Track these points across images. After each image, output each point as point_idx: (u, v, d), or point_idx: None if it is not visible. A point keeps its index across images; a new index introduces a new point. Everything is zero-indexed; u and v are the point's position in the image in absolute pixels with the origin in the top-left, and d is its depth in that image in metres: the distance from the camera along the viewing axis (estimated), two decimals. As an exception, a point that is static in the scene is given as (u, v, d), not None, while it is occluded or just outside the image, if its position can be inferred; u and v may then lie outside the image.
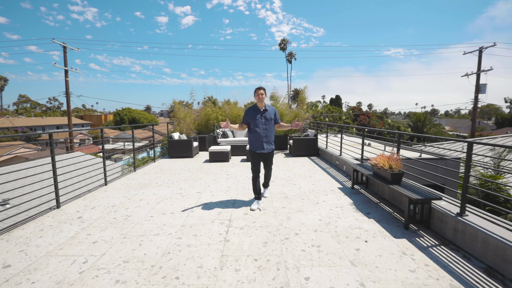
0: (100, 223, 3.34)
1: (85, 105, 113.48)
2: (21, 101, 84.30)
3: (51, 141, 3.79)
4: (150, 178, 5.62)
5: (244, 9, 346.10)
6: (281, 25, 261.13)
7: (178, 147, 8.19)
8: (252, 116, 3.80)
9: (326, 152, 7.48)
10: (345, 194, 4.33)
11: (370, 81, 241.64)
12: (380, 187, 4.15)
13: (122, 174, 5.95)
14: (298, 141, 8.10)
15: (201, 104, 11.62)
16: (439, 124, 35.97)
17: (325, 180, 5.27)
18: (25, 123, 43.31)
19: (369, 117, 39.89)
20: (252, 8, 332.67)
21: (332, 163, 6.85)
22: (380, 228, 3.05)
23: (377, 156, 3.82)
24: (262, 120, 3.78)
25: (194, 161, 7.56)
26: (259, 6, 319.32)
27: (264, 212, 3.63)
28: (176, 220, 3.39)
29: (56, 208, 3.90)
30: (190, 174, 6.00)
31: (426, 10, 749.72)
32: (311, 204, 3.91)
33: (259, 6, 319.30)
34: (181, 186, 5.00)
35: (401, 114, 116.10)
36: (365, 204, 3.87)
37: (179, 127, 9.72)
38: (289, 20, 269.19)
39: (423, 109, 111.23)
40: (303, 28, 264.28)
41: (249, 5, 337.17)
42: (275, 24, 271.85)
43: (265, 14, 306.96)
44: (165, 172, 6.24)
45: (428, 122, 31.93)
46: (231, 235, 2.95)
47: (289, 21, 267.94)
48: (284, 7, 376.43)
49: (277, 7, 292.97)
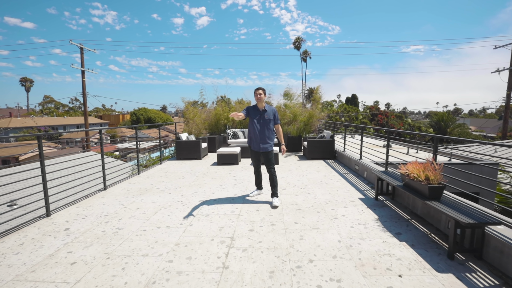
0: (87, 237, 2.96)
1: (104, 105, 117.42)
2: (45, 102, 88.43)
3: (39, 144, 3.47)
4: (152, 183, 5.25)
5: (258, 9, 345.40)
6: (296, 23, 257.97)
7: (185, 148, 7.82)
8: (252, 114, 3.98)
9: (344, 156, 6.83)
10: (367, 207, 3.73)
11: (386, 79, 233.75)
12: (411, 199, 3.51)
13: (124, 178, 5.63)
14: (313, 143, 7.50)
15: (215, 104, 11.22)
16: (464, 124, 33.88)
17: (343, 188, 4.66)
18: (47, 122, 45.13)
19: (387, 117, 38.27)
20: (266, 7, 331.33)
21: (351, 168, 6.21)
22: (416, 256, 2.45)
23: (409, 163, 3.20)
24: (260, 120, 3.92)
25: (201, 164, 7.15)
26: (273, 5, 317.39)
27: (273, 228, 3.11)
28: (171, 236, 2.95)
29: (46, 217, 3.58)
30: (195, 178, 5.57)
31: (444, 5, 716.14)
32: (328, 219, 3.34)
33: (274, 5, 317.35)
34: (183, 192, 4.58)
35: (420, 114, 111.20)
36: (393, 220, 3.26)
37: (187, 128, 9.37)
38: (304, 19, 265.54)
39: (445, 108, 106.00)
40: (318, 27, 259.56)
41: (263, 5, 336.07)
42: (289, 23, 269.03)
43: (279, 13, 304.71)
44: (169, 175, 5.86)
45: (452, 122, 30.10)
46: (232, 259, 2.46)
47: (304, 19, 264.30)
48: (299, 6, 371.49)
49: (291, 5, 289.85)
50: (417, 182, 2.91)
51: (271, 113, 3.94)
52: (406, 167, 3.17)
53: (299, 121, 9.50)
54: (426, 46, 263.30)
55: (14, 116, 50.77)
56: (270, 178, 4.00)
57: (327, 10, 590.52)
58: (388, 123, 36.25)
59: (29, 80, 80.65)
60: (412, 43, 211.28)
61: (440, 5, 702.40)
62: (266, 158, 3.96)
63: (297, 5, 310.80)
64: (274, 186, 4.00)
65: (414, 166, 3.07)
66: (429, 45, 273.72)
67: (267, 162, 3.97)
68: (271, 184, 4.01)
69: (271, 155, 3.99)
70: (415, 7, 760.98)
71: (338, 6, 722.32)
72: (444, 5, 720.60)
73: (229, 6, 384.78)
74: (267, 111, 3.93)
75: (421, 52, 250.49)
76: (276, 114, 4.01)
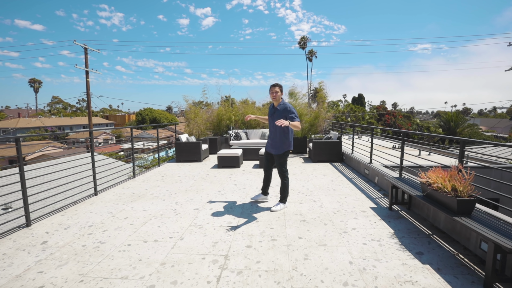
0: (64, 253, 2.63)
1: (111, 105, 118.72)
2: (54, 102, 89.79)
3: (17, 148, 3.16)
4: (147, 188, 4.92)
5: (263, 9, 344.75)
6: (301, 23, 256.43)
7: (185, 150, 7.50)
8: (268, 113, 3.80)
9: (352, 158, 6.40)
10: (381, 219, 3.32)
11: (391, 79, 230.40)
12: (431, 211, 3.09)
13: (119, 182, 5.32)
14: (318, 145, 7.08)
15: (219, 105, 10.87)
16: (474, 124, 32.93)
17: (352, 196, 4.25)
18: (54, 122, 45.61)
19: (395, 117, 37.48)
20: (271, 7, 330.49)
21: (360, 172, 5.78)
22: (445, 284, 2.04)
23: (431, 171, 2.78)
24: (271, 119, 3.68)
25: (201, 167, 6.81)
26: (278, 5, 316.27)
27: (274, 244, 2.73)
28: (158, 252, 2.60)
29: (25, 227, 3.27)
30: (193, 183, 5.23)
31: (448, 4, 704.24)
32: (337, 233, 2.95)
33: (279, 5, 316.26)
34: (178, 199, 4.24)
35: (428, 114, 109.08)
36: (411, 236, 2.85)
37: (188, 128, 9.05)
38: (309, 18, 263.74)
39: (454, 108, 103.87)
40: (324, 26, 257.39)
41: (268, 5, 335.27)
42: (294, 22, 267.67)
43: (284, 13, 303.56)
44: (166, 179, 5.53)
45: (462, 122, 29.24)
46: (224, 285, 2.09)
47: (309, 19, 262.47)
48: (304, 5, 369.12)
49: (296, 5, 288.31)
50: (442, 193, 2.50)
51: (281, 111, 3.49)
52: (428, 175, 2.75)
53: (304, 122, 9.09)
54: (432, 44, 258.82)
55: (22, 116, 51.53)
56: (281, 184, 3.74)
57: (333, 9, 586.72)
58: (395, 123, 35.46)
59: (38, 81, 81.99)
60: (419, 41, 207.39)
61: (444, 5, 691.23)
62: (277, 162, 3.67)
63: (302, 5, 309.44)
64: (283, 195, 3.74)
65: (437, 173, 2.65)
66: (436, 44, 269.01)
67: (277, 165, 3.69)
68: (280, 191, 3.77)
69: (283, 158, 3.63)
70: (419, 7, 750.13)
71: (343, 5, 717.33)
72: (448, 4, 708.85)
73: (234, 6, 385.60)
74: (278, 109, 3.55)
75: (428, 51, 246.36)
76: (288, 109, 3.46)
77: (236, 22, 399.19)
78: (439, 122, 31.54)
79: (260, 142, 8.52)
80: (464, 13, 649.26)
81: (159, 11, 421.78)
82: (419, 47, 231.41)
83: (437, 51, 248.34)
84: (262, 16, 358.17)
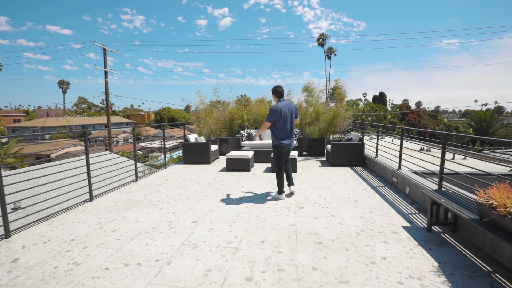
0: (30, 276, 2.22)
1: (132, 105, 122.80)
2: (80, 102, 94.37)
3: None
4: (146, 193, 4.52)
5: (280, 7, 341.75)
6: (319, 21, 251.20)
7: (194, 151, 7.08)
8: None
9: (376, 163, 5.65)
10: (418, 244, 2.63)
11: (412, 76, 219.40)
12: (489, 238, 2.37)
13: (119, 186, 4.97)
14: (338, 147, 6.38)
15: (232, 104, 10.40)
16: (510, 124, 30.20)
17: (379, 210, 3.57)
18: (79, 122, 47.62)
19: (419, 116, 35.35)
20: (288, 5, 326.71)
21: (386, 179, 5.03)
22: None
23: (492, 188, 2.08)
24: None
25: (209, 169, 6.35)
26: (296, 3, 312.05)
27: (280, 277, 2.16)
28: (136, 283, 2.11)
29: (4, 239, 2.93)
30: (197, 188, 4.76)
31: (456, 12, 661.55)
32: (363, 263, 2.32)
33: (296, 3, 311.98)
34: (176, 208, 3.77)
35: (455, 113, 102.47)
36: (464, 273, 2.16)
37: (198, 128, 8.65)
38: (327, 16, 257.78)
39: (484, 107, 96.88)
40: (343, 23, 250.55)
41: (285, 3, 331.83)
42: (312, 20, 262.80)
43: (302, 11, 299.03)
44: (169, 184, 5.11)
45: (496, 122, 26.87)
46: None
47: (327, 16, 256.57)
48: (322, 2, 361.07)
49: (314, 2, 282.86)
50: (514, 221, 1.80)
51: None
52: (489, 194, 2.05)
53: (321, 121, 8.38)
54: (460, 39, 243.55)
55: (51, 116, 54.37)
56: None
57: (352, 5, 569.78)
58: (420, 123, 33.39)
59: (66, 83, 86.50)
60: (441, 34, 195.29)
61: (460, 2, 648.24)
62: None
63: (320, 2, 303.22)
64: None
65: (504, 192, 1.95)
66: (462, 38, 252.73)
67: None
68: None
69: (274, 151, 4.13)
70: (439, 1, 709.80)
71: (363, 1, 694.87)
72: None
73: (251, 6, 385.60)
74: None
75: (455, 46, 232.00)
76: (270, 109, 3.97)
77: (254, 21, 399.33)
78: (469, 121, 29.27)
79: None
80: (486, 6, 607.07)
81: (178, 12, 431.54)
82: (445, 42, 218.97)
83: (465, 45, 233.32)
84: (280, 15, 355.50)
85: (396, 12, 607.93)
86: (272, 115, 3.85)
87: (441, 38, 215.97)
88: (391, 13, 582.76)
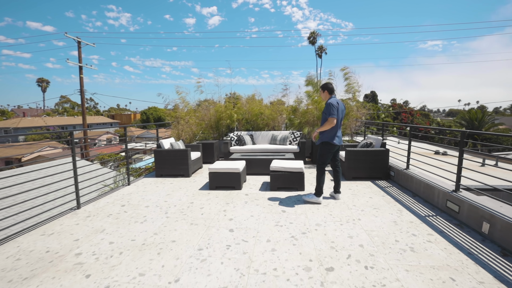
0: None
1: (119, 104, 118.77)
2: (62, 102, 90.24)
3: None
4: (81, 236, 2.89)
5: (269, 7, 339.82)
6: (308, 21, 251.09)
7: (168, 161, 5.47)
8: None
9: (411, 178, 4.23)
10: None
11: (394, 77, 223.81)
12: None
13: (47, 219, 3.30)
14: (356, 155, 4.93)
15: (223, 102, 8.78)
16: (502, 123, 30.09)
17: (463, 273, 2.11)
18: (57, 122, 44.60)
19: (412, 115, 34.87)
20: (277, 5, 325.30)
21: (432, 202, 3.59)
22: None
23: None
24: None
25: (186, 186, 4.76)
26: (284, 3, 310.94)
27: None
28: None
29: None
30: (162, 222, 3.17)
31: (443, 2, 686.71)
32: None
33: (285, 3, 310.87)
34: (116, 274, 2.18)
35: (440, 112, 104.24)
36: None
37: (176, 131, 7.02)
38: (315, 16, 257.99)
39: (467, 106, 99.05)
40: (331, 24, 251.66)
41: (274, 2, 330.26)
42: (301, 20, 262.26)
43: (291, 10, 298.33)
44: (124, 213, 3.50)
45: (487, 121, 26.53)
46: None
47: (315, 16, 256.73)
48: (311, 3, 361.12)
49: (303, 2, 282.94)
50: None
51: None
52: None
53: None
54: (432, 41, 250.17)
55: (27, 116, 50.89)
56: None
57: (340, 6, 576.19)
58: (413, 122, 32.85)
59: (45, 81, 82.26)
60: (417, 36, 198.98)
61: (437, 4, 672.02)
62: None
63: (308, 2, 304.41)
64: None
65: None
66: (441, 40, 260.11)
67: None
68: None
69: (318, 148, 3.81)
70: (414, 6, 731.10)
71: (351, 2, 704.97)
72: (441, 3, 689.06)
73: (240, 5, 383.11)
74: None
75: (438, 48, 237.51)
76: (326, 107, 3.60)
77: (242, 20, 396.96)
78: (461, 120, 28.89)
79: (270, 149, 6.41)
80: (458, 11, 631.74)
81: (166, 10, 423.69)
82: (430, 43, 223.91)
83: (435, 50, 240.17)
84: (268, 15, 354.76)
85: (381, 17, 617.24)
86: (334, 109, 3.55)
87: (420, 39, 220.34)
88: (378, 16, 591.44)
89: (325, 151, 3.68)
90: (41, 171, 7.77)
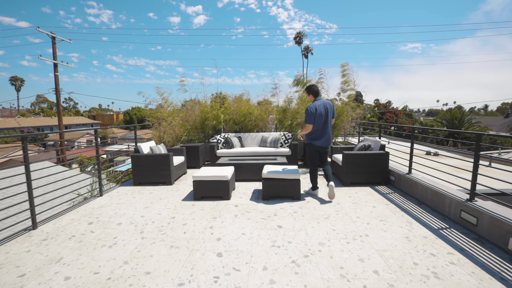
0: None
1: (101, 105, 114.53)
2: (38, 102, 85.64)
3: None
4: (28, 270, 2.30)
5: (255, 7, 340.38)
6: (293, 22, 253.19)
7: (147, 167, 4.88)
8: None
9: (412, 182, 3.90)
10: None
11: (375, 78, 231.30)
12: None
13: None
14: (353, 158, 4.56)
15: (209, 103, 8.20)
16: (480, 122, 31.33)
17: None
18: (32, 123, 42.06)
19: (396, 115, 35.60)
20: (263, 5, 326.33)
21: (443, 212, 3.25)
22: None
23: None
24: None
25: (168, 196, 4.21)
26: (270, 4, 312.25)
27: None
28: None
29: None
30: (136, 246, 2.63)
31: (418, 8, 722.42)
32: None
33: (270, 4, 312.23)
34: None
35: (419, 112, 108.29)
36: None
37: (157, 133, 6.41)
38: (301, 17, 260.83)
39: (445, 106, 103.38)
40: (316, 25, 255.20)
41: (260, 3, 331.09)
42: (286, 21, 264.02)
43: (276, 11, 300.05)
44: (91, 234, 2.92)
45: (467, 121, 27.51)
46: None
47: (301, 18, 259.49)
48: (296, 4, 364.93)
49: (288, 3, 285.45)
50: None
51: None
52: None
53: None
54: (412, 44, 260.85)
55: (3, 116, 47.70)
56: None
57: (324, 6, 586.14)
58: (397, 122, 33.54)
59: (20, 79, 77.87)
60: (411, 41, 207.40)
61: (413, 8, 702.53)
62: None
63: (293, 3, 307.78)
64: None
65: None
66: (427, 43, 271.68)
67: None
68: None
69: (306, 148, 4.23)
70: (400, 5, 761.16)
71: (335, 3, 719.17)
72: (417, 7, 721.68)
73: (226, 4, 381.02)
74: None
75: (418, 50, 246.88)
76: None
77: (228, 20, 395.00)
78: (442, 120, 29.77)
79: (260, 152, 5.95)
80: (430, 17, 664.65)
81: (150, 8, 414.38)
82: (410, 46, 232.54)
83: (413, 52, 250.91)
84: (254, 15, 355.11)
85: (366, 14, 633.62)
86: (310, 116, 3.73)
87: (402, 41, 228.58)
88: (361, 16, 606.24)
89: (309, 151, 4.04)
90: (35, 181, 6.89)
